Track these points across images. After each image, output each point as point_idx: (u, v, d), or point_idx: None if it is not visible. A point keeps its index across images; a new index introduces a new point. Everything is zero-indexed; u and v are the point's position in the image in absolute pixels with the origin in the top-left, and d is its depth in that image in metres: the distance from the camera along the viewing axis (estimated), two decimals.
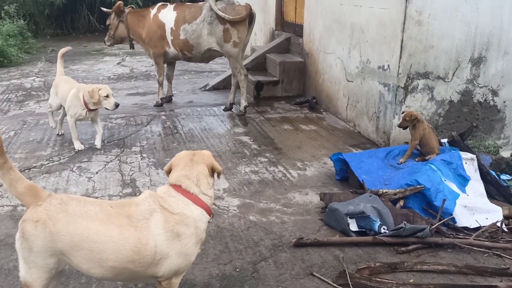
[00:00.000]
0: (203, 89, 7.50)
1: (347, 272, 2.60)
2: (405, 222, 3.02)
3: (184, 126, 5.62)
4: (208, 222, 2.14)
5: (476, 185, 3.55)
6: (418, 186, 3.33)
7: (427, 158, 3.76)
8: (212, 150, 4.78)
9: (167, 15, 5.83)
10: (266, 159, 4.56)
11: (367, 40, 5.08)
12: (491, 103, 4.85)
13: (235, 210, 3.51)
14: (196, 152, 2.21)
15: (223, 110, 6.26)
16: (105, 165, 4.38)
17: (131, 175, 4.14)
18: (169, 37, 5.84)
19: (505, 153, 4.88)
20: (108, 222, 1.94)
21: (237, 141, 5.10)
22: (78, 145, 4.79)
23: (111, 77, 8.82)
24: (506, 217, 3.41)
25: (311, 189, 3.90)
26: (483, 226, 3.17)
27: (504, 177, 3.76)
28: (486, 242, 3.00)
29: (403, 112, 3.96)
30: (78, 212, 1.95)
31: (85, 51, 11.94)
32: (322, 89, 6.34)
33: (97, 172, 4.21)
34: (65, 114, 4.96)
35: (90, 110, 4.66)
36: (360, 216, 3.12)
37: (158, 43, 5.91)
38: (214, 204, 3.58)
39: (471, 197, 3.40)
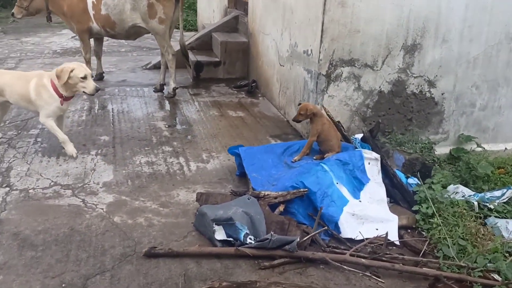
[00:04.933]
0: (144, 67, 7.04)
1: None
2: (272, 233, 2.63)
3: (102, 107, 5.19)
4: None
5: (375, 189, 3.14)
6: (301, 190, 2.93)
7: (325, 156, 3.35)
8: (116, 136, 4.37)
9: None
10: (170, 149, 4.15)
11: (295, 21, 4.60)
12: (428, 94, 4.41)
13: (102, 209, 3.12)
14: None
15: (153, 91, 5.83)
16: None
17: (10, 163, 3.74)
18: (91, 12, 5.38)
19: (442, 149, 4.51)
20: None
21: (151, 126, 4.67)
22: (71, 149, 3.82)
23: (57, 51, 8.33)
24: (403, 227, 3.03)
25: (202, 185, 3.50)
26: (367, 239, 2.79)
27: (411, 180, 3.35)
28: (363, 260, 2.62)
29: (299, 104, 3.54)
30: None
31: (46, 23, 11.34)
32: (261, 72, 5.87)
33: None
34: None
35: (66, 99, 3.72)
36: (227, 223, 2.74)
37: (81, 18, 5.45)
38: (82, 200, 3.22)
39: (363, 204, 3.00)
